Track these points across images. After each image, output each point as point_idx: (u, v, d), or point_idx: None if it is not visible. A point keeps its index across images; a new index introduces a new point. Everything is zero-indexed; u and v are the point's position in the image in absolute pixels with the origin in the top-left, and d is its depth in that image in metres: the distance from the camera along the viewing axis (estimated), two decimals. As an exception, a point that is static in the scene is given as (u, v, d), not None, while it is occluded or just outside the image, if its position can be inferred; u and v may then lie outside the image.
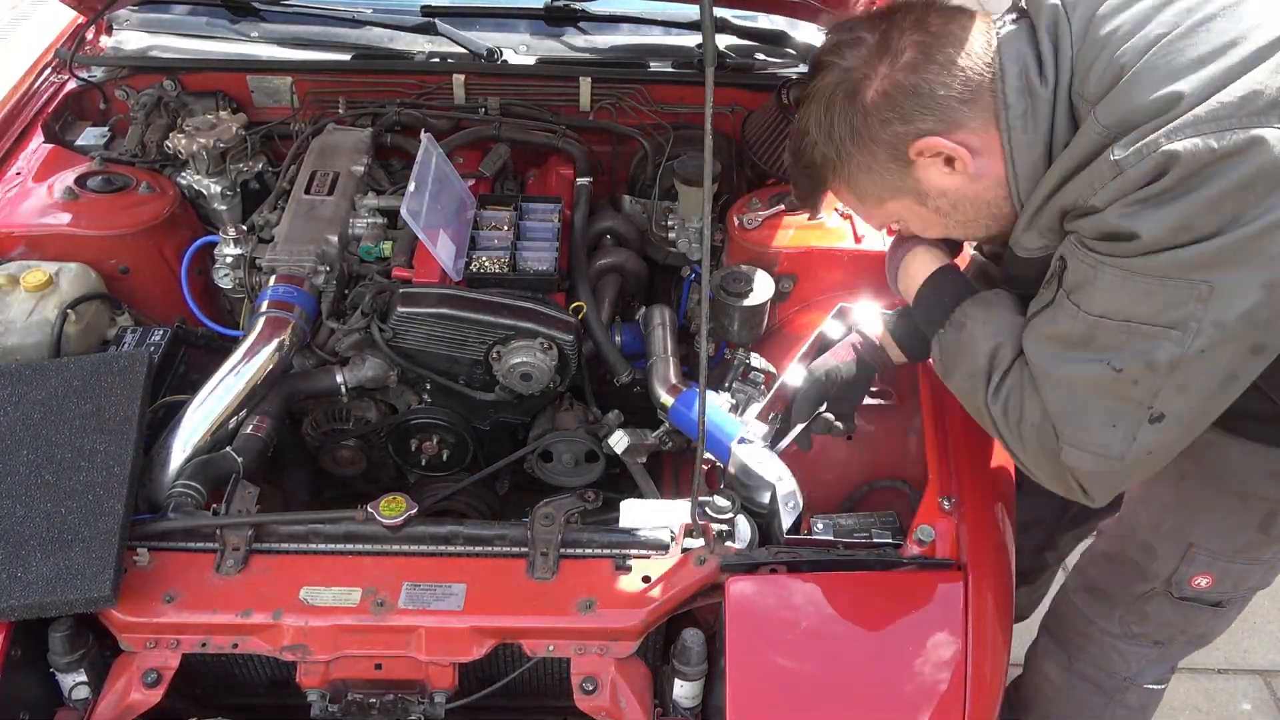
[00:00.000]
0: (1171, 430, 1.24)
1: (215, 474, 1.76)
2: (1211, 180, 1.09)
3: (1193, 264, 1.12)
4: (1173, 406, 1.21)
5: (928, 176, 1.37)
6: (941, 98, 1.29)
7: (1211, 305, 1.13)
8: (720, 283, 2.07)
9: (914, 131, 1.32)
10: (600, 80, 2.46)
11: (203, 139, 2.25)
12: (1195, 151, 1.09)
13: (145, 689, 1.51)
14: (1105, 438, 1.25)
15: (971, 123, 1.30)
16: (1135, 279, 1.16)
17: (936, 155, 1.34)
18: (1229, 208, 1.09)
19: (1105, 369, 1.21)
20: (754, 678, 1.49)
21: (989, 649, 1.52)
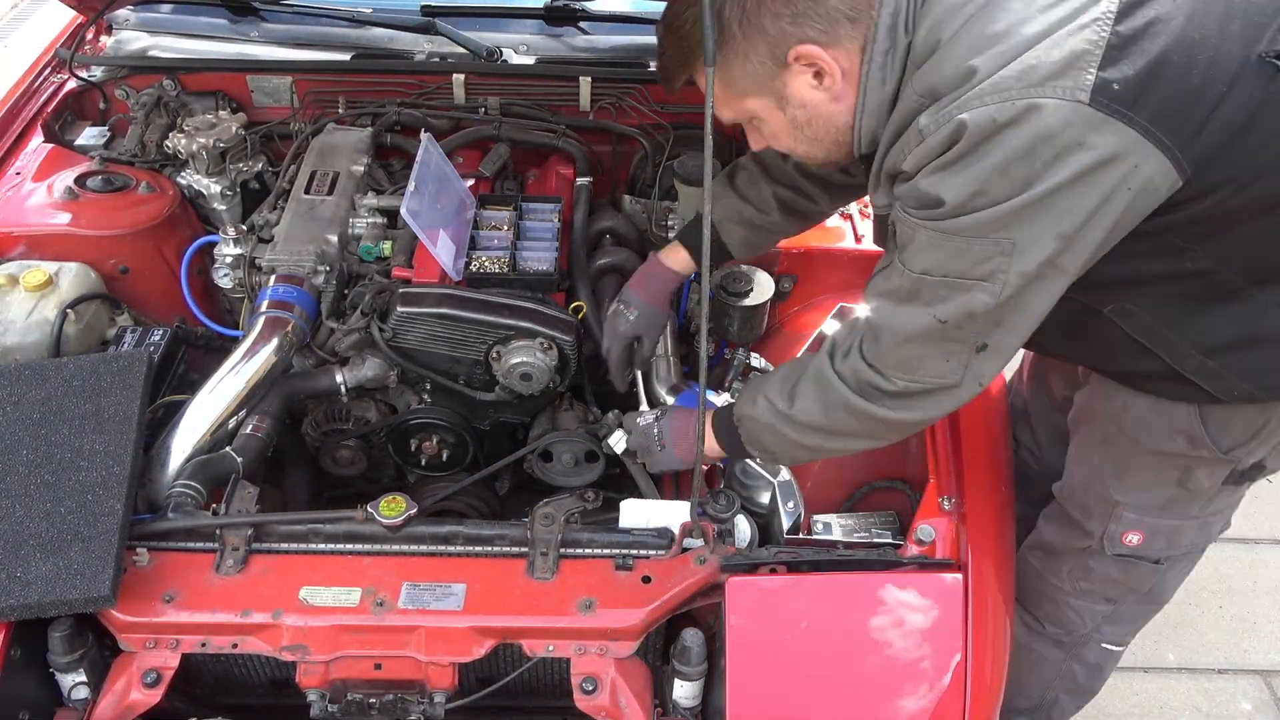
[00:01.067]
0: (995, 359, 1.38)
1: (215, 474, 1.76)
2: (995, 147, 1.20)
3: (993, 224, 1.24)
4: (994, 338, 1.35)
5: (796, 84, 1.39)
6: (833, 8, 1.32)
7: (1015, 258, 1.25)
8: (720, 283, 2.07)
9: (799, 35, 1.33)
10: (600, 80, 2.46)
11: (203, 139, 2.25)
12: (979, 121, 1.20)
13: (145, 689, 1.51)
14: (941, 369, 1.39)
15: (848, 43, 1.34)
16: (947, 239, 1.28)
17: (810, 65, 1.36)
18: (1018, 172, 1.20)
19: (932, 320, 1.33)
20: (754, 678, 1.49)
21: (989, 649, 1.52)
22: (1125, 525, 1.76)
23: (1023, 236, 1.23)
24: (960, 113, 1.21)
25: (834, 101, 1.39)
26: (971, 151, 1.22)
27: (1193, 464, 1.65)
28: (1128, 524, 1.76)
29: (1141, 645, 2.80)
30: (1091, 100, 1.17)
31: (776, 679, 1.49)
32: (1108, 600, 1.93)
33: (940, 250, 1.29)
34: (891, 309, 1.39)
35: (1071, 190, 1.21)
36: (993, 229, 1.24)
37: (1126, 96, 1.18)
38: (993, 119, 1.19)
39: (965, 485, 1.68)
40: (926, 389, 1.41)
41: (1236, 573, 3.00)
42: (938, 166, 1.26)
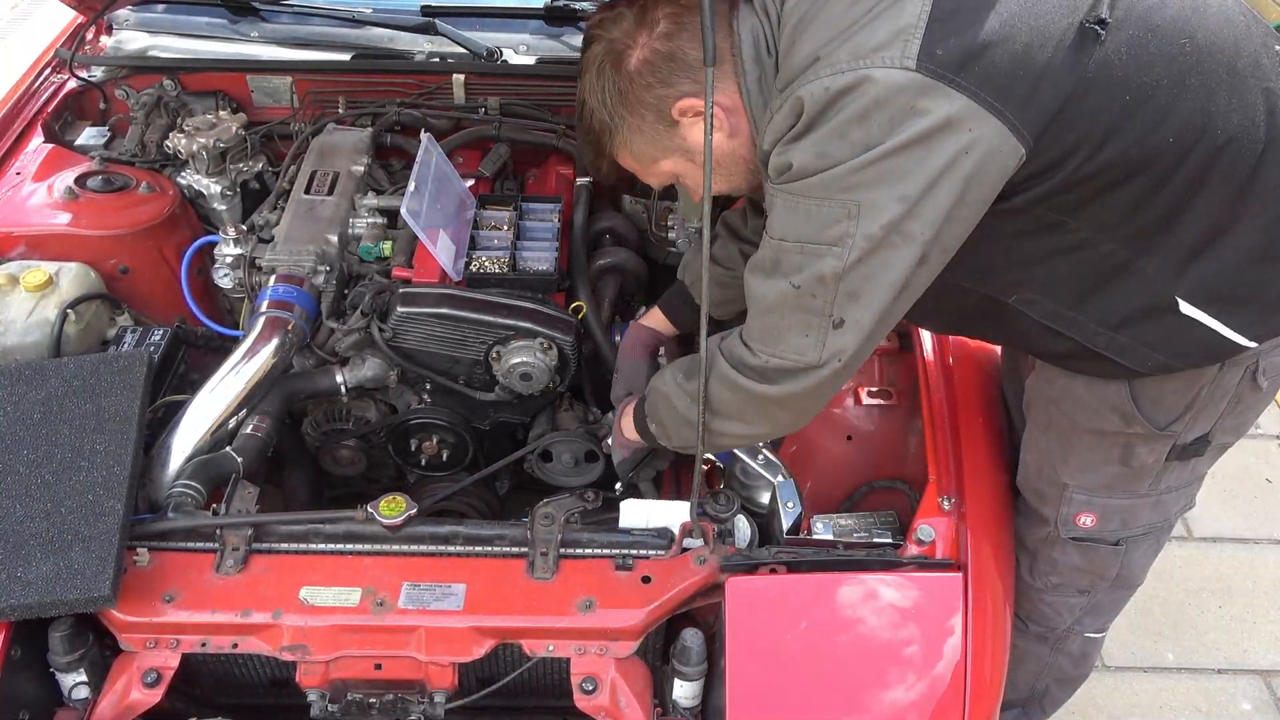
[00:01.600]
0: (852, 335, 1.37)
1: (215, 474, 1.76)
2: (832, 114, 1.26)
3: (837, 184, 1.28)
4: (850, 313, 1.35)
5: (692, 134, 1.50)
6: (694, 61, 1.42)
7: (861, 221, 1.28)
8: (720, 282, 2.07)
9: (675, 93, 1.45)
10: (600, 80, 2.46)
11: (203, 139, 2.25)
12: (814, 93, 1.26)
13: (145, 689, 1.51)
14: (800, 345, 1.39)
15: (720, 84, 1.43)
16: (798, 202, 1.32)
17: (697, 115, 1.45)
18: (856, 136, 1.25)
19: (788, 287, 1.36)
20: (754, 678, 1.49)
21: (989, 649, 1.52)
22: (1076, 507, 1.76)
23: (866, 199, 1.27)
24: (799, 90, 1.28)
25: (731, 137, 1.48)
26: (813, 121, 1.28)
27: (1131, 441, 1.66)
28: (1078, 505, 1.76)
29: (1141, 645, 2.81)
30: (918, 66, 1.22)
31: (776, 679, 1.49)
32: (1081, 591, 1.92)
33: (793, 214, 1.33)
34: (758, 282, 1.42)
35: (909, 153, 1.24)
36: (838, 189, 1.28)
37: (951, 62, 1.23)
38: (826, 88, 1.26)
39: (965, 485, 1.69)
40: (787, 366, 1.42)
41: (1236, 573, 3.00)
42: (787, 141, 1.32)
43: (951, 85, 1.22)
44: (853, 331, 1.37)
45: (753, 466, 1.74)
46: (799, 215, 1.33)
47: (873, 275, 1.32)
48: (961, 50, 1.23)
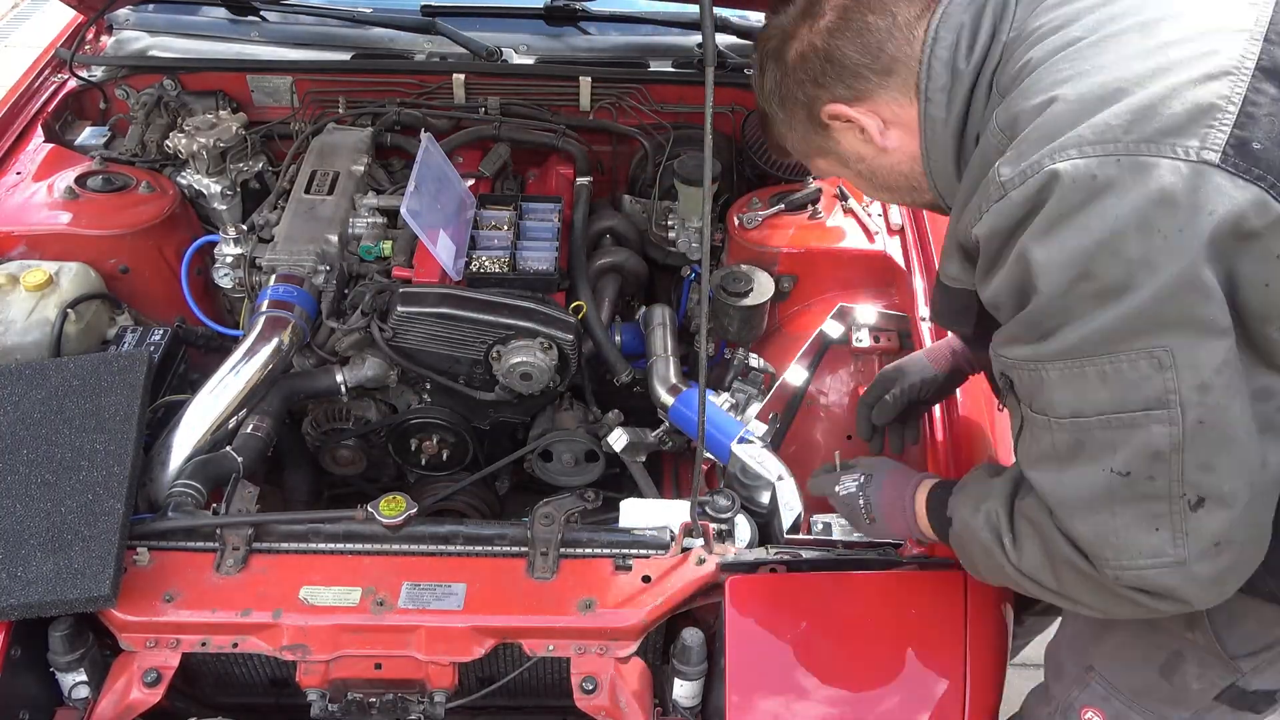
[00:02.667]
0: (1222, 511, 1.05)
1: (215, 473, 1.76)
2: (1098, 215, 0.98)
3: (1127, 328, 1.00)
4: (1208, 486, 1.04)
5: (845, 140, 1.37)
6: (854, 64, 1.28)
7: (1182, 370, 0.99)
8: (720, 283, 2.07)
9: (826, 96, 1.32)
10: (600, 80, 2.46)
11: (203, 139, 2.25)
12: (1077, 175, 0.98)
13: (145, 688, 1.51)
14: (1154, 543, 1.07)
15: (884, 93, 1.28)
16: (1080, 365, 1.03)
17: (848, 122, 1.33)
18: (1134, 251, 0.97)
19: (1110, 476, 1.06)
20: (754, 678, 1.49)
21: (989, 649, 1.52)
22: (1090, 698, 1.46)
23: (1178, 340, 0.98)
24: (1052, 162, 1.00)
25: (884, 153, 1.34)
26: (1067, 214, 0.99)
27: (1183, 651, 1.34)
28: (1093, 698, 1.46)
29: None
30: (1223, 160, 0.96)
31: (776, 679, 1.49)
32: None
33: (1081, 383, 1.03)
34: (1055, 477, 1.11)
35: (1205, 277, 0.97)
36: (1125, 335, 1.00)
37: (1272, 161, 0.96)
38: (1093, 175, 0.97)
39: (965, 485, 1.68)
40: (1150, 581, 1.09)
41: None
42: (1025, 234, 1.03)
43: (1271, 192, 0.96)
44: (1220, 509, 1.04)
45: (753, 466, 1.74)
46: (1088, 383, 1.03)
47: (1222, 426, 1.01)
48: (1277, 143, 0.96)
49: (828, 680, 1.50)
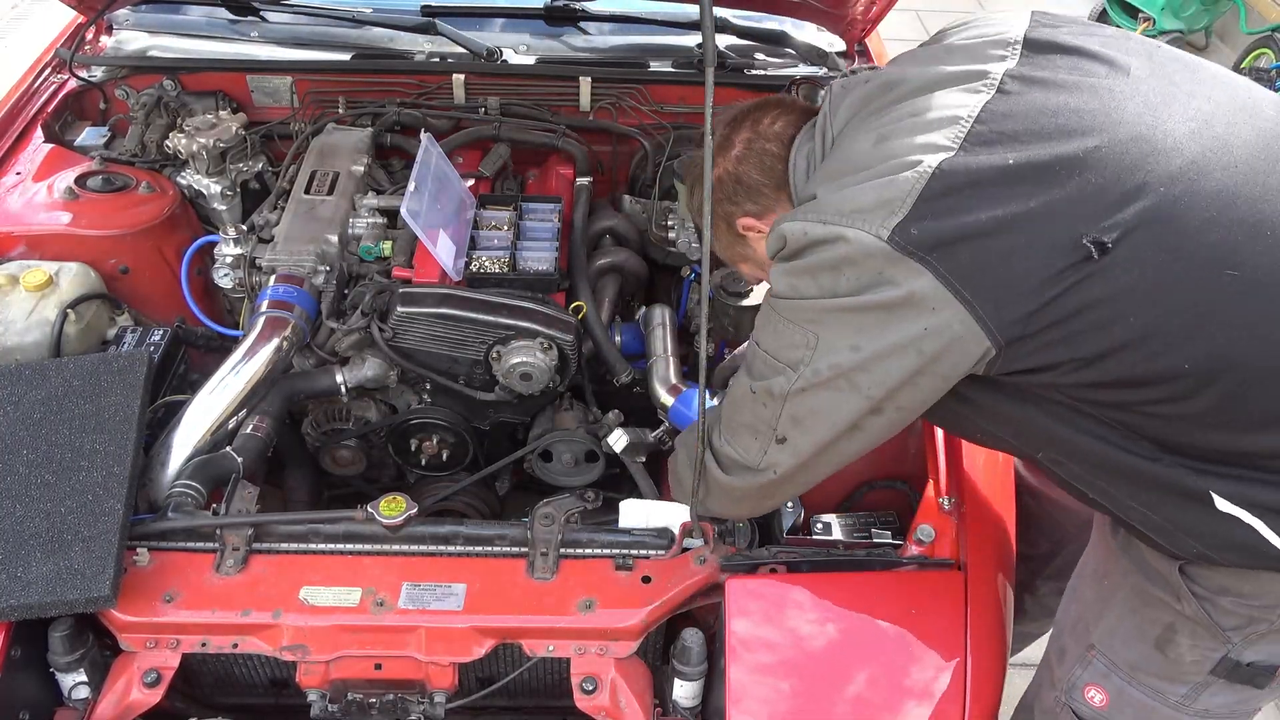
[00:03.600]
0: (791, 455, 1.41)
1: (215, 474, 1.76)
2: (808, 255, 1.31)
3: (804, 314, 1.33)
4: (791, 435, 1.39)
5: (757, 246, 1.60)
6: (756, 185, 1.56)
7: (816, 353, 1.32)
8: (720, 283, 2.07)
9: (739, 211, 1.59)
10: (600, 80, 2.47)
11: (203, 139, 2.25)
12: (794, 233, 1.32)
13: (145, 689, 1.51)
14: (747, 443, 1.45)
15: (780, 206, 1.55)
16: (773, 315, 1.38)
17: (759, 233, 1.57)
18: (825, 281, 1.29)
19: (748, 389, 1.42)
20: (754, 678, 1.49)
21: (989, 649, 1.52)
22: (1092, 676, 1.54)
23: (825, 336, 1.31)
24: (783, 223, 1.34)
25: None
26: (791, 257, 1.34)
27: (1176, 624, 1.43)
28: (1095, 675, 1.54)
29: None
30: (889, 239, 1.23)
31: (776, 679, 1.49)
32: None
33: (767, 324, 1.39)
34: (739, 374, 1.48)
35: (871, 314, 1.26)
36: (804, 319, 1.32)
37: (925, 243, 1.22)
38: (805, 232, 1.30)
39: (965, 485, 1.69)
40: (734, 459, 1.47)
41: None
42: (776, 259, 1.38)
43: (921, 263, 1.22)
44: (789, 452, 1.41)
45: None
46: (770, 327, 1.38)
47: (816, 409, 1.36)
48: (939, 233, 1.22)
49: (828, 680, 1.50)
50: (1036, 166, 1.23)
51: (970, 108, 1.29)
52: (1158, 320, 1.22)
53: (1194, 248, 1.21)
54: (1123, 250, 1.20)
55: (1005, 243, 1.22)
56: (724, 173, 1.58)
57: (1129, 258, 1.20)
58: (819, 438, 1.38)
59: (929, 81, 1.36)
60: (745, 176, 1.56)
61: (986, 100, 1.29)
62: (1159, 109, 1.28)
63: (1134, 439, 1.31)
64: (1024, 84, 1.31)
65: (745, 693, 1.48)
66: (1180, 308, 1.22)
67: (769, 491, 1.49)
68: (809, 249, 1.30)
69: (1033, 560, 1.96)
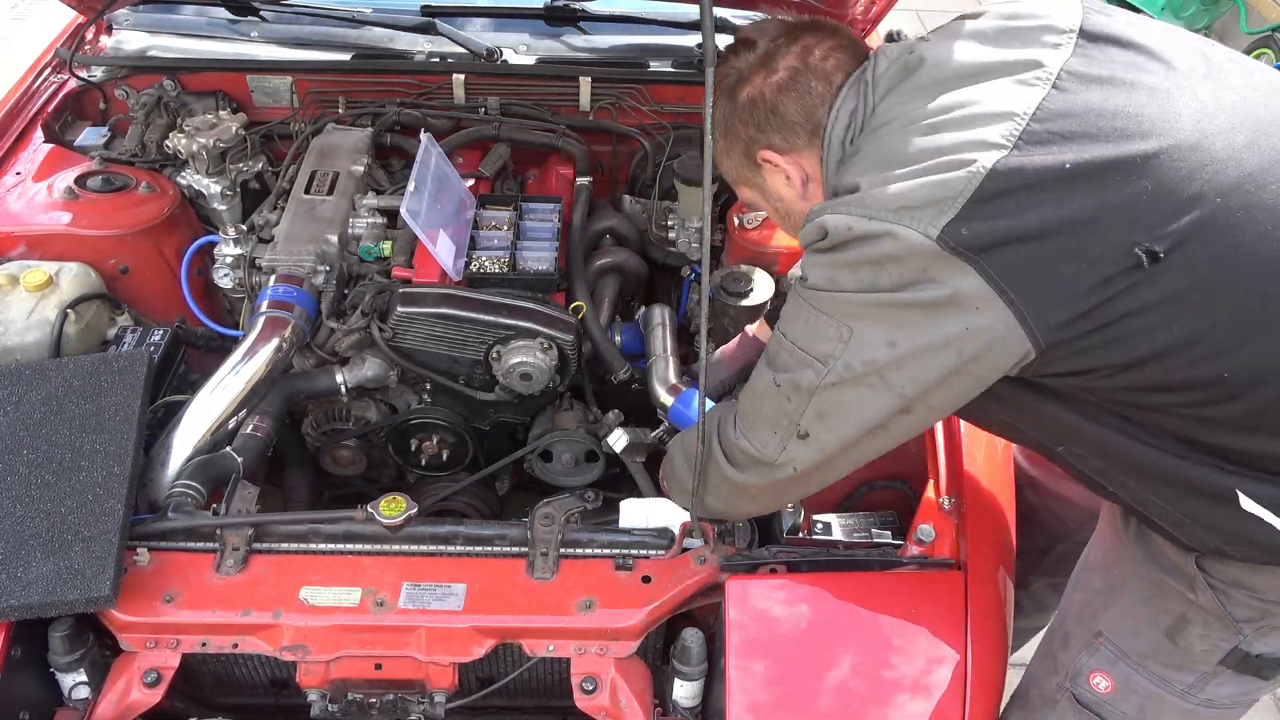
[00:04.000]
0: (813, 452, 1.39)
1: (215, 474, 1.76)
2: (850, 250, 1.27)
3: (839, 307, 1.30)
4: (815, 430, 1.37)
5: (770, 180, 1.55)
6: (792, 123, 1.46)
7: (849, 348, 1.29)
8: (720, 283, 2.07)
9: (763, 140, 1.49)
10: (600, 80, 2.46)
11: (203, 139, 2.25)
12: (837, 227, 1.27)
13: (145, 689, 1.51)
14: (765, 438, 1.42)
15: (809, 151, 1.47)
16: (803, 306, 1.34)
17: (777, 167, 1.51)
18: (865, 276, 1.26)
19: (772, 382, 1.39)
20: (754, 677, 1.49)
21: (989, 649, 1.52)
22: (1099, 663, 1.54)
23: (860, 330, 1.28)
24: (826, 214, 1.29)
25: (803, 200, 1.52)
26: (831, 249, 1.30)
27: (1188, 614, 1.44)
28: (1102, 662, 1.54)
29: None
30: (938, 239, 1.20)
31: (776, 679, 1.49)
32: None
33: (797, 315, 1.35)
34: (760, 366, 1.45)
35: (910, 311, 1.25)
36: (839, 311, 1.30)
37: (975, 244, 1.20)
38: (850, 227, 1.26)
39: (965, 485, 1.69)
40: (750, 453, 1.45)
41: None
42: (812, 250, 1.34)
43: (969, 263, 1.20)
44: (812, 447, 1.39)
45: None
46: (800, 318, 1.34)
47: (845, 405, 1.33)
48: (989, 235, 1.20)
49: (828, 680, 1.49)
50: (1092, 171, 1.21)
51: (1026, 104, 1.25)
52: (1202, 329, 1.21)
53: (1247, 261, 1.21)
54: (1174, 260, 1.19)
55: (1056, 247, 1.20)
56: (759, 95, 1.47)
57: (1180, 267, 1.19)
58: (844, 435, 1.36)
59: (979, 68, 1.32)
60: (783, 109, 1.46)
61: (1043, 97, 1.25)
62: (1215, 116, 1.25)
63: (1162, 436, 1.31)
64: (1081, 81, 1.27)
65: (745, 693, 1.47)
66: (1226, 318, 1.21)
67: (782, 489, 1.47)
68: (852, 243, 1.26)
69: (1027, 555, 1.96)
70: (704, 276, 1.46)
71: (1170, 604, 1.46)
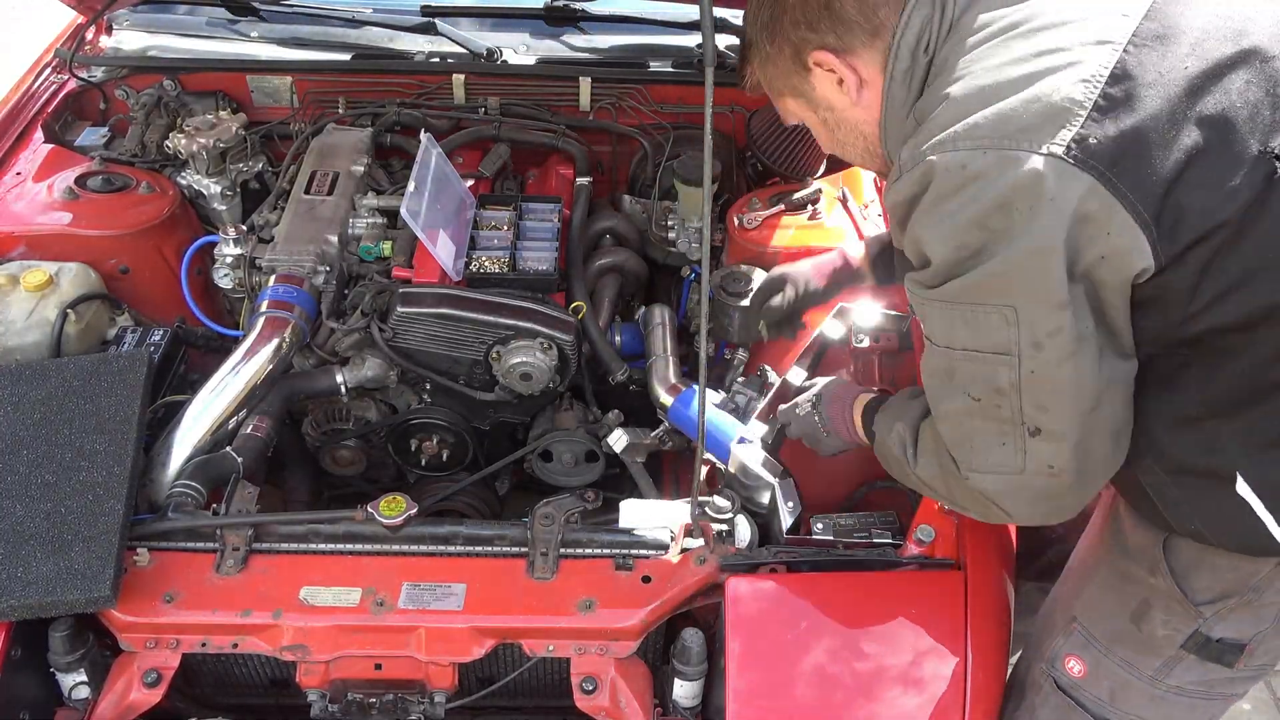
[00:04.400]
0: (1055, 443, 1.26)
1: (215, 474, 1.76)
2: (971, 199, 1.16)
3: (987, 288, 1.20)
4: (1043, 421, 1.25)
5: (821, 86, 1.42)
6: (850, 21, 1.34)
7: (1021, 328, 1.20)
8: (720, 283, 2.07)
9: (816, 41, 1.37)
10: (600, 80, 2.46)
11: (203, 139, 2.25)
12: (949, 166, 1.17)
13: (145, 689, 1.51)
14: (1000, 457, 1.30)
15: (867, 55, 1.36)
16: (947, 311, 1.25)
17: (831, 71, 1.39)
18: (997, 223, 1.16)
19: (968, 399, 1.29)
20: (754, 677, 1.49)
21: (989, 649, 1.52)
22: (1072, 646, 1.56)
23: (1021, 304, 1.19)
24: (932, 153, 1.19)
25: (856, 107, 1.41)
26: (945, 198, 1.19)
27: (1150, 599, 1.45)
28: (1075, 645, 1.56)
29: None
30: (1067, 154, 1.13)
31: (776, 679, 1.49)
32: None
33: (951, 321, 1.25)
34: (936, 387, 1.34)
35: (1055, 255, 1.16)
36: (990, 293, 1.20)
37: (1105, 155, 1.13)
38: (964, 165, 1.17)
39: (965, 485, 1.68)
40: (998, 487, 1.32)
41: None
42: (916, 212, 1.24)
43: (1101, 180, 1.13)
44: (1055, 441, 1.25)
45: (752, 467, 1.73)
46: (955, 322, 1.25)
47: (1055, 381, 1.22)
48: (1120, 144, 1.13)
49: (828, 680, 1.49)
50: (1210, 71, 1.15)
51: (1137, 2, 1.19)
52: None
53: None
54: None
55: (1184, 146, 1.14)
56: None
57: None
58: (1073, 408, 1.23)
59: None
60: (838, 5, 1.33)
61: None
62: None
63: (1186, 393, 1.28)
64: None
65: (745, 692, 1.47)
66: None
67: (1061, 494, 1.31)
68: (967, 185, 1.16)
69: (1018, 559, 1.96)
70: (704, 276, 1.46)
71: (1134, 589, 1.47)
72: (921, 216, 1.23)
